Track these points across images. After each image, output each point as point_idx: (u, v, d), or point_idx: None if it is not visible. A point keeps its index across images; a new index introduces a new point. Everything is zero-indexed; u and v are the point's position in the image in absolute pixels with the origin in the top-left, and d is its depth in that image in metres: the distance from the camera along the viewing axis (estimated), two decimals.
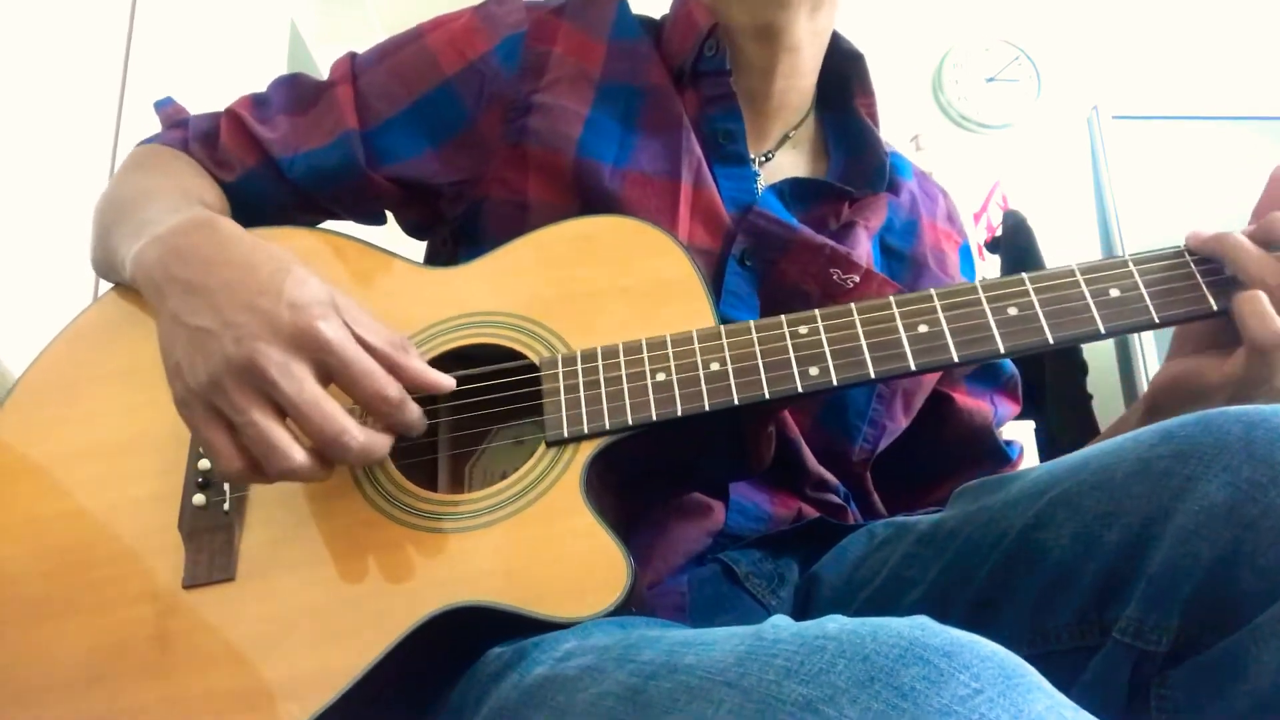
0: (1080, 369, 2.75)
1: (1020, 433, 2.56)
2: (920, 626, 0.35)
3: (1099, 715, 0.50)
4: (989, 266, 2.91)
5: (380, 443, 0.58)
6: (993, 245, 2.89)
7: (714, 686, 0.37)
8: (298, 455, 0.55)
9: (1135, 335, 2.76)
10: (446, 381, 0.61)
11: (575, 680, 0.45)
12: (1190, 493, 0.48)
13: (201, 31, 2.22)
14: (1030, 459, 2.46)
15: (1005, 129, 3.16)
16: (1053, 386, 2.72)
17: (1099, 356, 2.80)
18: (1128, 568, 0.50)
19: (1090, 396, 2.72)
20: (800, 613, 0.70)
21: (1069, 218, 2.98)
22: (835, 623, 0.37)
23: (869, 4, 3.15)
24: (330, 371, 0.57)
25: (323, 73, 0.86)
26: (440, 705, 0.58)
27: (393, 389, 0.57)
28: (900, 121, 3.06)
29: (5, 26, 1.54)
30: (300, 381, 0.55)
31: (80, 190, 1.67)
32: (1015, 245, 2.78)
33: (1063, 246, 2.85)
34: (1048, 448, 2.50)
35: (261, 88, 0.87)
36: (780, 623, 0.40)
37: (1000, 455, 0.87)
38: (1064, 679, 0.52)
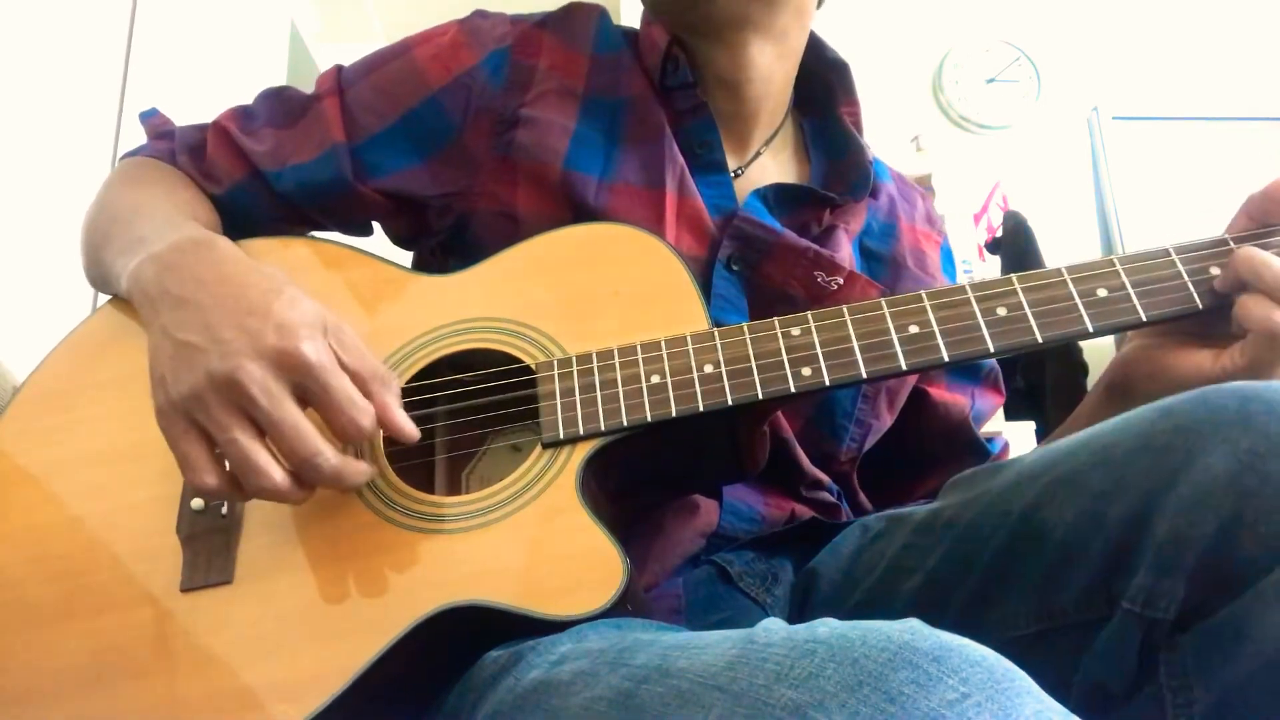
0: (1081, 369, 2.76)
1: (1020, 432, 2.56)
2: (910, 630, 0.35)
3: (1110, 685, 0.50)
4: (989, 267, 2.91)
5: (353, 470, 0.58)
6: (993, 246, 2.89)
7: (705, 691, 0.37)
8: (276, 474, 0.56)
9: None
10: (410, 430, 0.61)
11: (569, 684, 0.45)
12: (1192, 465, 0.49)
13: (202, 31, 2.23)
14: None
15: (1005, 129, 3.16)
16: (1053, 387, 2.72)
17: (1099, 357, 2.80)
18: (1133, 539, 0.51)
19: None
20: (799, 610, 0.70)
21: (1069, 218, 2.98)
22: (826, 626, 0.37)
23: (869, 4, 3.15)
24: (308, 395, 0.57)
25: (323, 72, 0.86)
26: (437, 709, 0.58)
27: (367, 420, 0.57)
28: (900, 122, 3.06)
29: (6, 22, 1.54)
30: (279, 401, 0.55)
31: (81, 183, 1.67)
32: (1015, 246, 2.79)
33: (1063, 247, 2.84)
34: None
35: (261, 88, 0.87)
36: (772, 626, 0.40)
37: (979, 449, 0.88)
38: (1071, 652, 0.52)
